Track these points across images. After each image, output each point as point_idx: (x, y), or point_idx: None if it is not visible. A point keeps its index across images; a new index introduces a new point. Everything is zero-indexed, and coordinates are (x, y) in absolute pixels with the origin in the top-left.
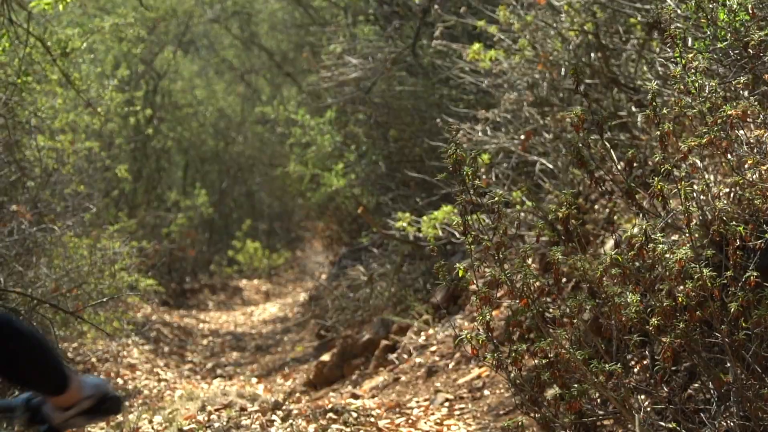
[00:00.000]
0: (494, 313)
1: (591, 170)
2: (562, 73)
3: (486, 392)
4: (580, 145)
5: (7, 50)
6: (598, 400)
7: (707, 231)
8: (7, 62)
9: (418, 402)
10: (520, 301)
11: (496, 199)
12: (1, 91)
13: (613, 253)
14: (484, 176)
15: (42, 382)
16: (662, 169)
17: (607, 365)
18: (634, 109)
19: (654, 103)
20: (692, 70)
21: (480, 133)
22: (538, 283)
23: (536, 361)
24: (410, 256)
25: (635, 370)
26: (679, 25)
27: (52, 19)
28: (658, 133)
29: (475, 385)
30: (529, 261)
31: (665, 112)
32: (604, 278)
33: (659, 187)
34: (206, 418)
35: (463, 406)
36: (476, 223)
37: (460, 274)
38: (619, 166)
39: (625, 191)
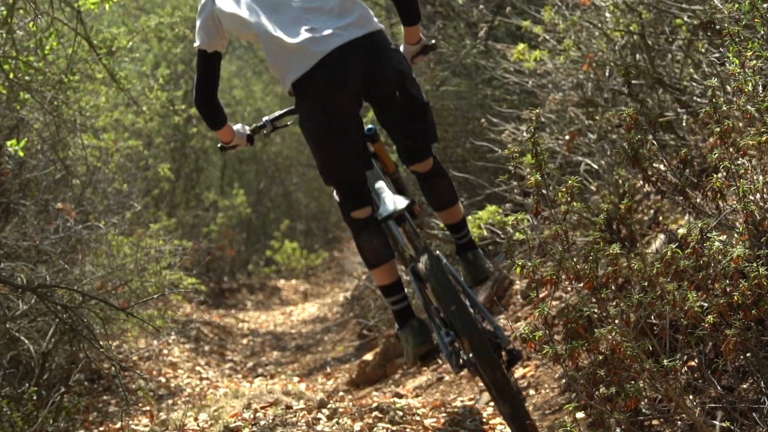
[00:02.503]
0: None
1: (644, 168)
2: (607, 73)
3: (531, 392)
4: (634, 142)
5: (54, 49)
6: (651, 399)
7: (757, 230)
8: (53, 60)
9: (462, 401)
10: (586, 284)
11: (570, 182)
12: (48, 90)
13: (673, 246)
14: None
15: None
16: (721, 166)
17: (665, 361)
18: (679, 110)
19: (714, 100)
20: (749, 70)
21: (525, 134)
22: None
23: (591, 358)
24: (452, 256)
25: (683, 369)
26: (726, 25)
27: (96, 19)
28: (718, 129)
29: (520, 385)
30: (574, 260)
31: (725, 108)
32: (661, 276)
33: (717, 183)
34: (252, 416)
35: None
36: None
37: (518, 270)
38: (670, 166)
39: (680, 190)
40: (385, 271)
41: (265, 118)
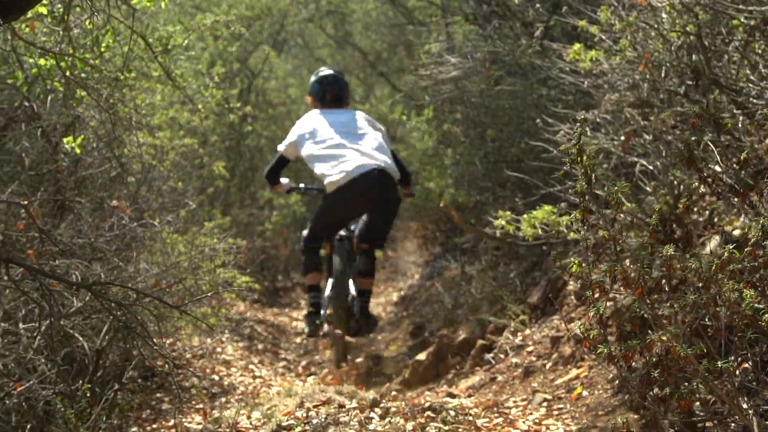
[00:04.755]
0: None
1: (700, 168)
2: (663, 74)
3: (584, 393)
4: (690, 142)
5: (111, 46)
6: (704, 400)
7: None
8: (109, 58)
9: (515, 402)
10: (635, 292)
11: (616, 189)
12: (104, 87)
13: (730, 247)
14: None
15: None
16: None
17: (719, 363)
18: (735, 111)
19: None
20: None
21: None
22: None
23: (644, 359)
24: (506, 256)
25: (737, 371)
26: None
27: (152, 16)
28: None
29: (573, 386)
30: (627, 261)
31: None
32: (718, 275)
33: None
34: (305, 415)
35: (561, 406)
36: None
37: (574, 269)
38: (727, 167)
39: (740, 190)
40: (315, 275)
41: (301, 185)
